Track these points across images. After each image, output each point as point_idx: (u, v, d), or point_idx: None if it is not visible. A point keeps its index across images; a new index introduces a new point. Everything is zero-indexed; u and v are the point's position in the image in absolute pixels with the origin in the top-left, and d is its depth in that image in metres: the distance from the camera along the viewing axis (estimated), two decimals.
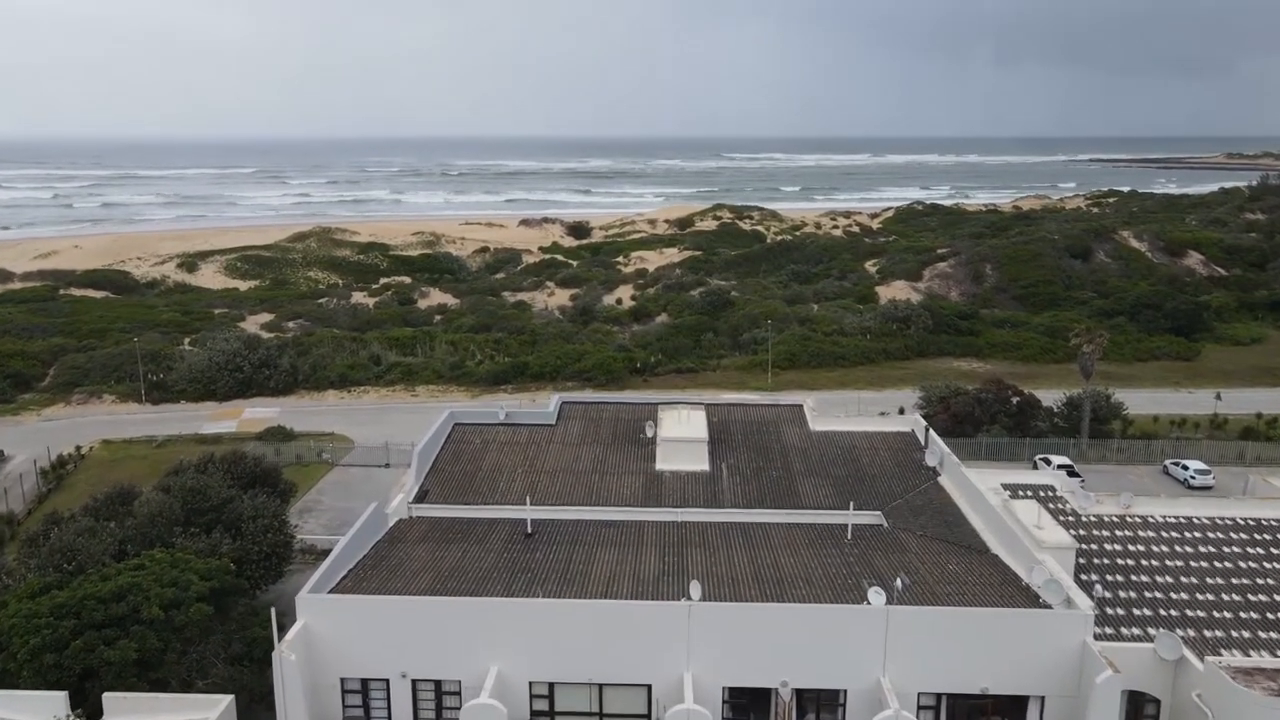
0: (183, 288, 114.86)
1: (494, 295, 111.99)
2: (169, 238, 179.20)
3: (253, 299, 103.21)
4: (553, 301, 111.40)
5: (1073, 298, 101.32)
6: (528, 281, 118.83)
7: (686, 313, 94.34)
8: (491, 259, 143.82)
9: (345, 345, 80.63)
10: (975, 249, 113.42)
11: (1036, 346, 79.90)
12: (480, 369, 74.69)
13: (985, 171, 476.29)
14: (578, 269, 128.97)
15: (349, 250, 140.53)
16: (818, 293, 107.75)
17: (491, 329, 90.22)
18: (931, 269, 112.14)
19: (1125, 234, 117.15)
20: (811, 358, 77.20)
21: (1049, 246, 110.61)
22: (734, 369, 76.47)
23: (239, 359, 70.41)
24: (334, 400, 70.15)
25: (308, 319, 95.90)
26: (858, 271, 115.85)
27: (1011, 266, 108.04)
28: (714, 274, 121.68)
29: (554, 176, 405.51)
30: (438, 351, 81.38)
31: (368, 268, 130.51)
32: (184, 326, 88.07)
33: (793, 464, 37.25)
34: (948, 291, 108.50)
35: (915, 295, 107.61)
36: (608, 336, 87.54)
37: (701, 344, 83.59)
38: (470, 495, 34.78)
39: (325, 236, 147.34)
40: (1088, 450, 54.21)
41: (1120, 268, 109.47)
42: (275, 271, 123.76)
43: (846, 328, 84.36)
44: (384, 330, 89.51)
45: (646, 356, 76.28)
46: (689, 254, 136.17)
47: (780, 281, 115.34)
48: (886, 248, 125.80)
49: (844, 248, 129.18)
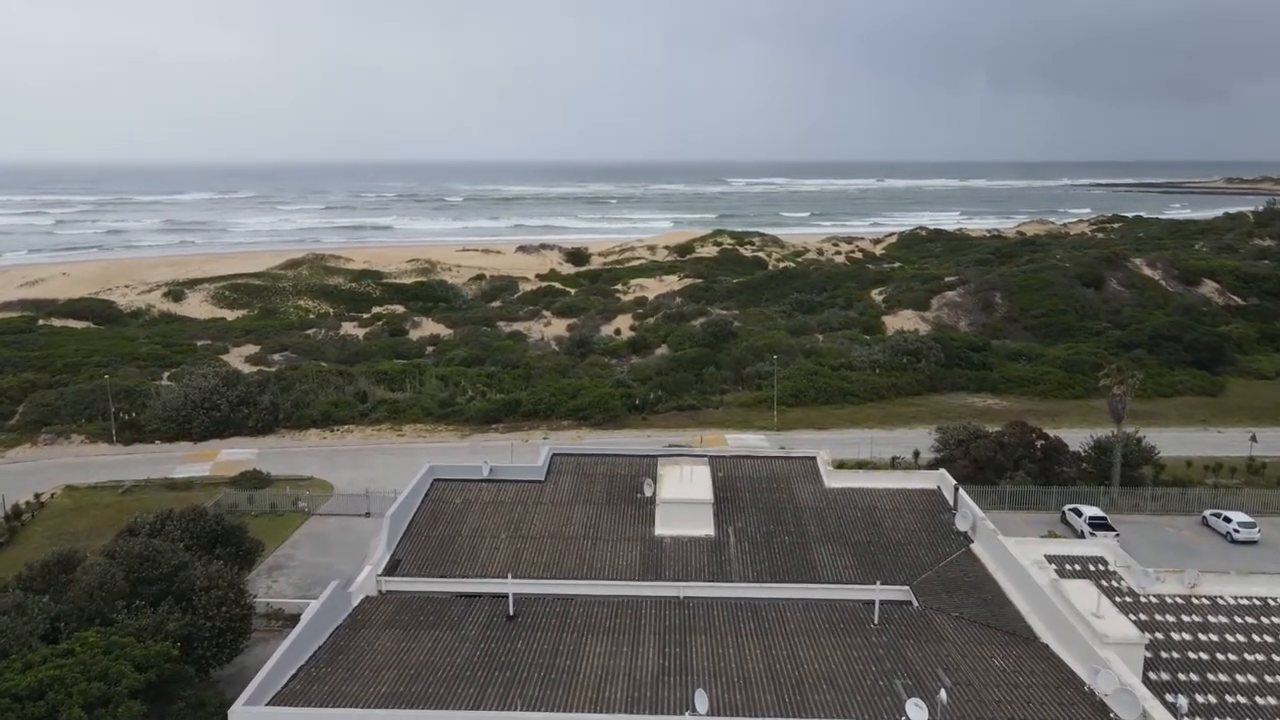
0: (168, 317, 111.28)
1: (488, 325, 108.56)
2: (161, 264, 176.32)
3: (239, 330, 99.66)
4: (549, 331, 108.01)
5: (1086, 328, 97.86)
6: (524, 310, 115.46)
7: (687, 344, 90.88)
8: (487, 287, 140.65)
9: (331, 380, 76.99)
10: (984, 277, 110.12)
11: (1054, 381, 76.21)
12: (471, 406, 71.06)
13: (985, 196, 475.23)
14: (575, 297, 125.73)
15: (342, 278, 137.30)
16: (822, 323, 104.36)
17: (484, 362, 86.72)
18: (939, 298, 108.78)
19: (1138, 262, 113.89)
20: (819, 394, 73.59)
21: (1060, 275, 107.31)
22: (737, 406, 72.85)
23: (216, 396, 66.74)
24: (316, 440, 66.44)
25: (294, 351, 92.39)
26: (863, 300, 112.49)
27: (1022, 295, 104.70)
28: (715, 302, 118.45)
29: (553, 201, 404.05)
30: (428, 386, 77.80)
31: (360, 296, 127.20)
32: (164, 360, 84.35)
33: (807, 527, 33.54)
34: (956, 321, 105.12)
35: (923, 325, 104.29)
36: (605, 370, 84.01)
37: (703, 378, 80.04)
38: (448, 566, 31.08)
39: (318, 264, 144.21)
40: (1119, 499, 50.48)
41: (1134, 296, 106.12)
42: (264, 300, 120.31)
43: (854, 361, 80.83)
44: (372, 363, 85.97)
45: (645, 393, 72.68)
46: (689, 281, 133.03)
47: (783, 310, 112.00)
48: (892, 275, 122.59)
49: (848, 275, 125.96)
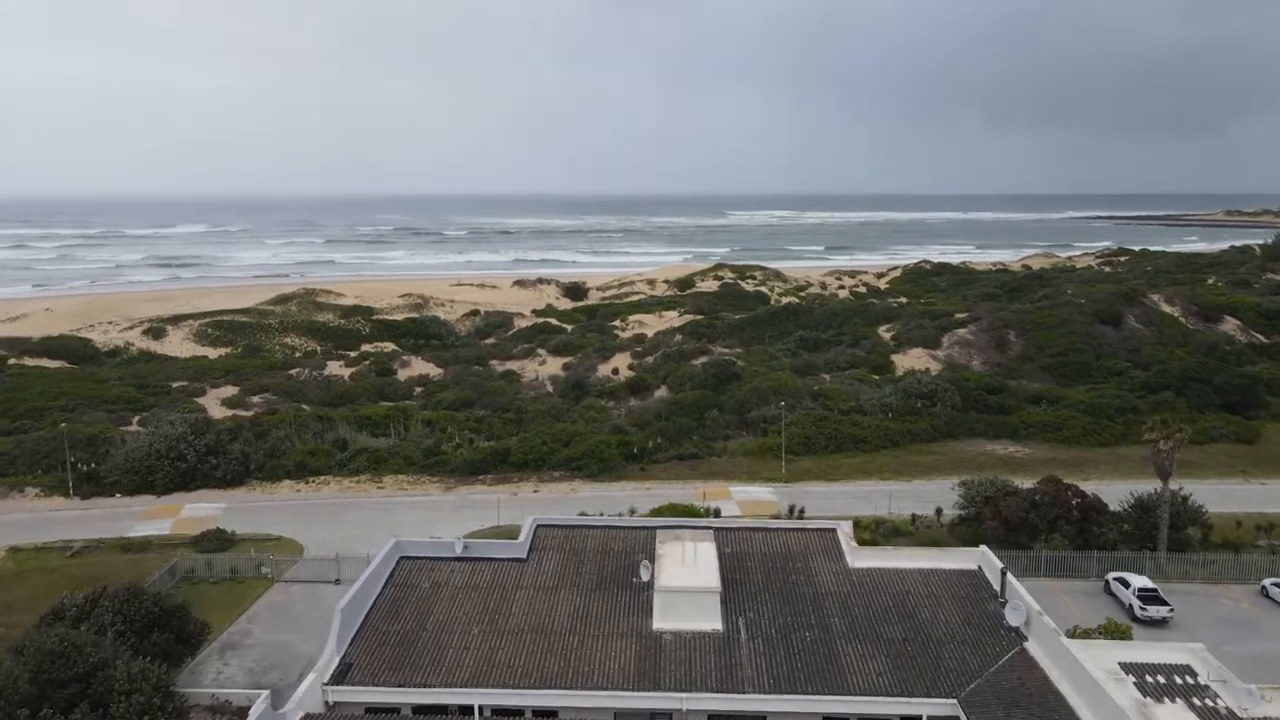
0: (146, 356, 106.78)
1: (480, 364, 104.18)
2: (148, 299, 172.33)
3: (218, 370, 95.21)
4: (544, 370, 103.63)
5: (1106, 368, 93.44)
6: (518, 348, 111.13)
7: (688, 385, 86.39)
8: (481, 323, 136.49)
9: (309, 426, 72.42)
10: (997, 314, 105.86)
11: (1078, 427, 71.52)
12: (457, 455, 66.41)
13: (986, 229, 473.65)
14: (572, 334, 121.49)
15: (331, 314, 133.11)
16: (829, 362, 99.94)
17: (474, 405, 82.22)
18: (950, 335, 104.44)
19: (1156, 298, 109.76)
20: (828, 440, 68.94)
21: (1076, 312, 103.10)
22: (742, 454, 68.19)
23: (183, 446, 62.10)
24: (288, 493, 61.70)
25: (275, 393, 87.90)
26: (871, 338, 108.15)
27: (1037, 333, 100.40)
28: (716, 340, 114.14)
29: (551, 235, 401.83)
30: (412, 432, 73.24)
31: (349, 333, 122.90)
32: (135, 404, 79.77)
33: (831, 620, 28.90)
34: (969, 360, 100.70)
35: (934, 364, 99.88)
36: (601, 414, 79.43)
37: (705, 422, 75.47)
38: (408, 671, 26.42)
39: (307, 299, 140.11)
40: (1166, 565, 45.67)
41: (1154, 334, 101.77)
42: (249, 338, 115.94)
43: (865, 405, 76.27)
44: (355, 406, 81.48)
45: (644, 440, 68.06)
46: (690, 317, 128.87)
47: (788, 349, 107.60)
48: (901, 312, 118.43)
49: (855, 311, 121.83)
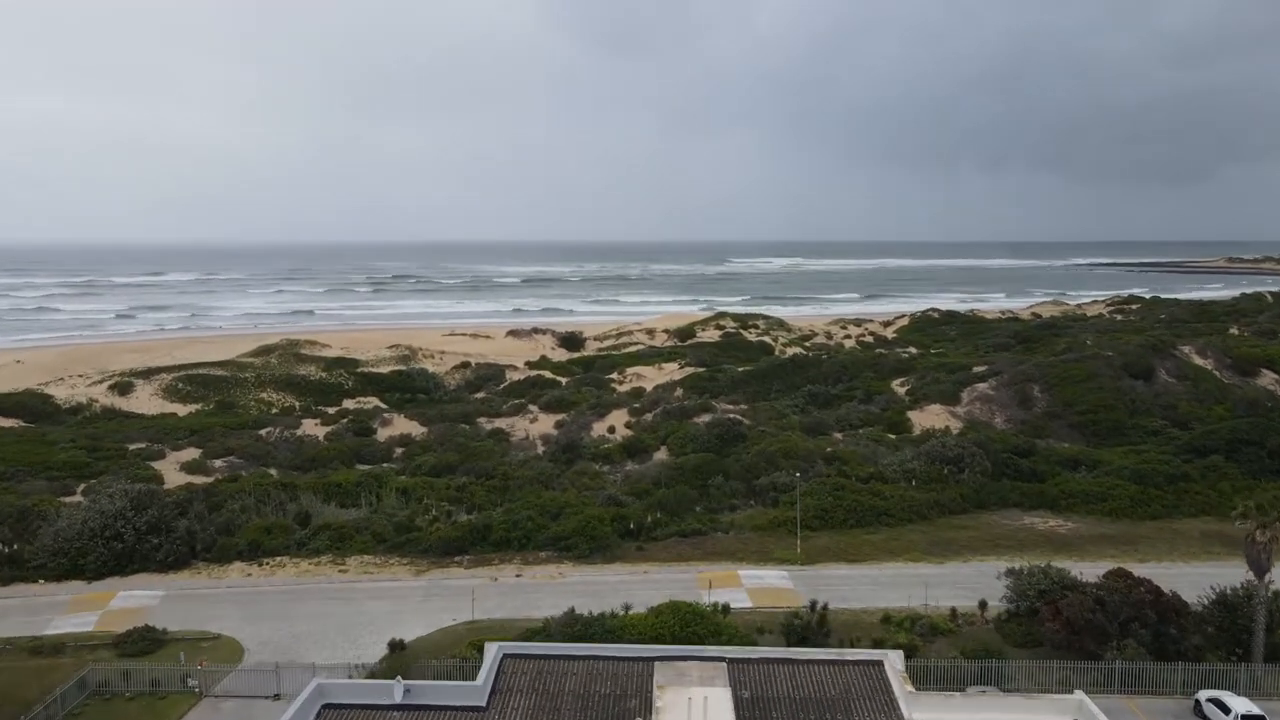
0: (109, 413, 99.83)
1: (467, 422, 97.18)
2: (127, 350, 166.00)
3: (182, 429, 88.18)
4: (535, 429, 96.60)
5: (1140, 426, 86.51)
6: (508, 405, 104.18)
7: (690, 447, 79.38)
8: (472, 375, 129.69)
9: (271, 496, 65.28)
10: (1019, 368, 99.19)
11: (1125, 498, 64.30)
12: (433, 531, 59.20)
13: (989, 277, 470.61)
14: (566, 389, 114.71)
15: (314, 366, 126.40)
16: (841, 419, 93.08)
17: (456, 470, 75.14)
18: (970, 390, 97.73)
19: (1186, 349, 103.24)
20: (847, 513, 61.76)
21: (1104, 365, 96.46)
22: (751, 529, 60.98)
23: (120, 523, 54.96)
24: (238, 578, 54.37)
25: (241, 456, 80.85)
26: (885, 393, 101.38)
27: (1064, 388, 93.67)
28: (719, 395, 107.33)
29: (549, 283, 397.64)
30: (385, 502, 66.14)
31: (330, 388, 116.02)
32: (82, 470, 72.54)
33: None
34: (991, 417, 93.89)
35: (954, 422, 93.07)
36: (595, 481, 72.33)
37: (709, 491, 68.42)
38: None
39: (290, 351, 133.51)
40: (1263, 678, 38.39)
41: (1188, 389, 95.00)
42: (222, 393, 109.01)
43: (885, 470, 69.22)
44: (326, 472, 74.42)
45: (641, 515, 60.90)
46: (690, 370, 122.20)
47: (796, 405, 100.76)
48: (914, 364, 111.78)
49: (865, 364, 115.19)
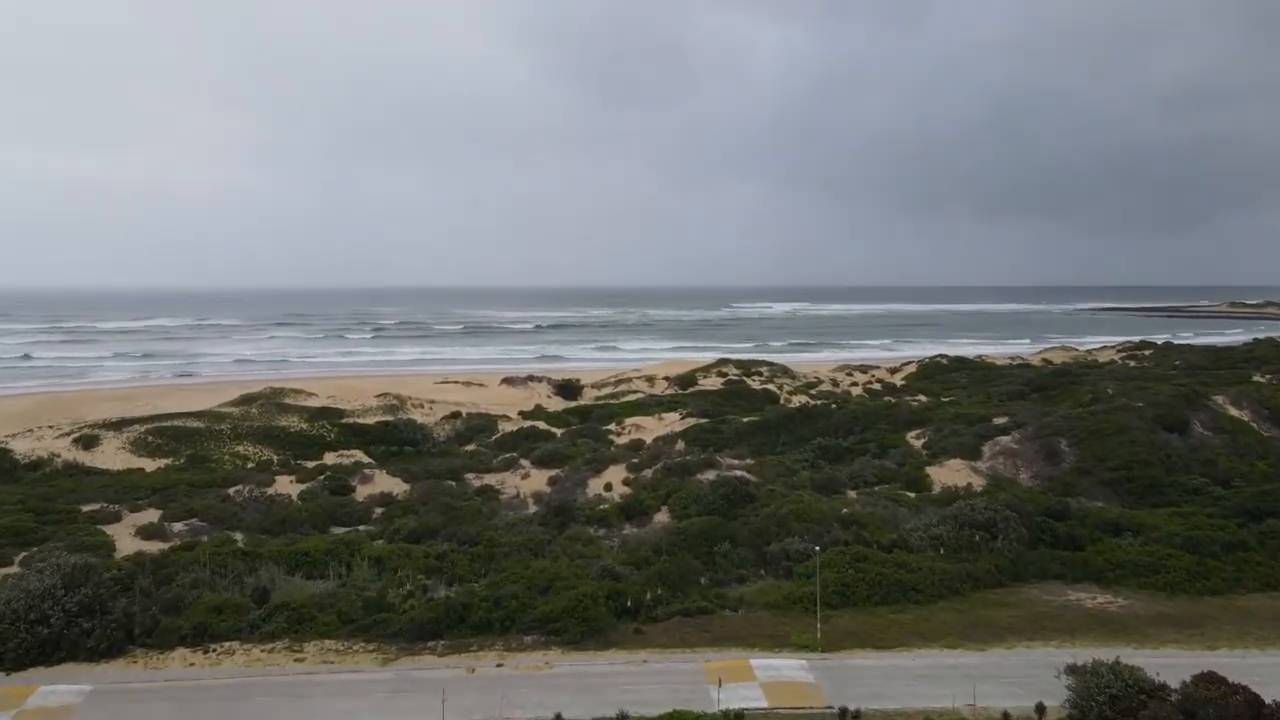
0: (71, 469, 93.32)
1: (455, 478, 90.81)
2: (108, 398, 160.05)
3: (144, 488, 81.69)
4: (527, 486, 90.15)
5: (1179, 484, 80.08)
6: (498, 460, 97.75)
7: (693, 508, 72.89)
8: (462, 426, 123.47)
9: (229, 566, 58.62)
10: (1044, 420, 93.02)
11: (1180, 569, 57.60)
12: (406, 610, 52.53)
13: (991, 322, 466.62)
14: (561, 441, 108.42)
15: (296, 417, 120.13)
16: (855, 476, 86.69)
17: (438, 534, 68.53)
18: (992, 444, 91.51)
19: (1220, 399, 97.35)
20: (871, 589, 55.11)
21: (1136, 417, 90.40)
22: (763, 606, 54.28)
23: (48, 604, 48.35)
24: (179, 668, 47.53)
25: (204, 518, 74.27)
26: (901, 447, 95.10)
27: (1094, 442, 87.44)
28: (723, 447, 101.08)
29: (547, 330, 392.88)
30: (356, 573, 59.44)
31: (311, 440, 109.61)
32: (25, 536, 65.73)
33: None
34: (1015, 473, 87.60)
35: (976, 478, 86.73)
36: (589, 548, 65.74)
37: (715, 559, 61.83)
38: None
39: (271, 401, 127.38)
40: None
41: (1226, 443, 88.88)
42: (195, 446, 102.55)
43: (910, 537, 62.71)
44: (295, 537, 67.88)
45: (640, 590, 54.30)
46: (692, 421, 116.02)
47: (806, 459, 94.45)
48: (930, 415, 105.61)
49: (877, 414, 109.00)
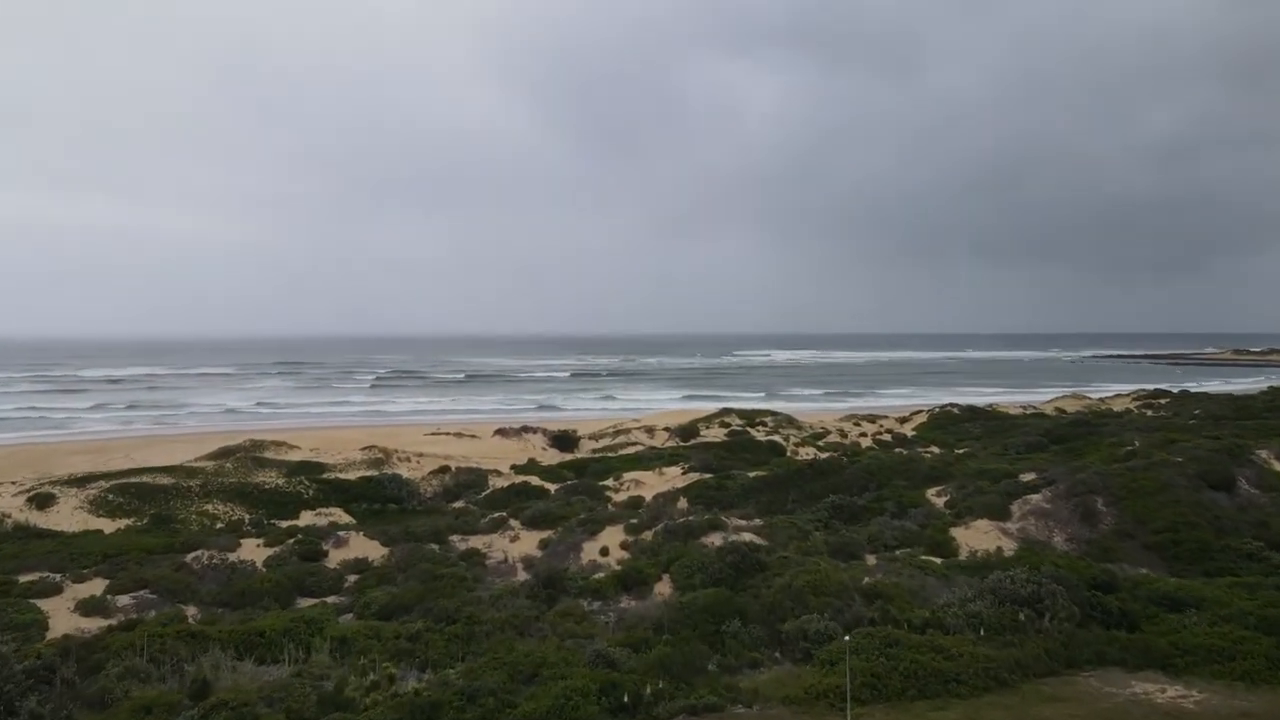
0: (22, 531, 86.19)
1: (438, 541, 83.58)
2: (82, 450, 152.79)
3: (95, 554, 74.53)
4: (516, 549, 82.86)
5: (1232, 549, 72.66)
6: (486, 520, 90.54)
7: (698, 578, 65.37)
8: (451, 482, 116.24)
9: (168, 650, 51.33)
10: (1077, 476, 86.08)
11: (1259, 655, 49.92)
12: (367, 708, 45.13)
13: (996, 369, 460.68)
14: (554, 498, 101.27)
15: (274, 472, 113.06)
16: (874, 539, 79.32)
17: (413, 609, 61.23)
18: (1022, 503, 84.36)
19: (1264, 454, 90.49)
20: (906, 680, 47.54)
21: (1177, 474, 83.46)
22: (781, 702, 46.67)
23: None
24: None
25: (156, 589, 66.87)
26: (922, 505, 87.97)
27: (1133, 502, 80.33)
28: (729, 506, 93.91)
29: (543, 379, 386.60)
30: (315, 658, 52.12)
31: (287, 498, 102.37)
32: None
33: None
34: (1048, 535, 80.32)
35: (1006, 541, 79.44)
36: (581, 625, 58.31)
37: (724, 639, 54.35)
38: None
39: (248, 455, 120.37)
40: None
41: (1275, 502, 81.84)
42: (160, 505, 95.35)
43: (944, 615, 55.32)
44: (252, 613, 60.54)
45: (639, 682, 46.91)
46: (695, 476, 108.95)
47: (819, 519, 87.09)
48: (950, 470, 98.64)
49: (892, 469, 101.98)
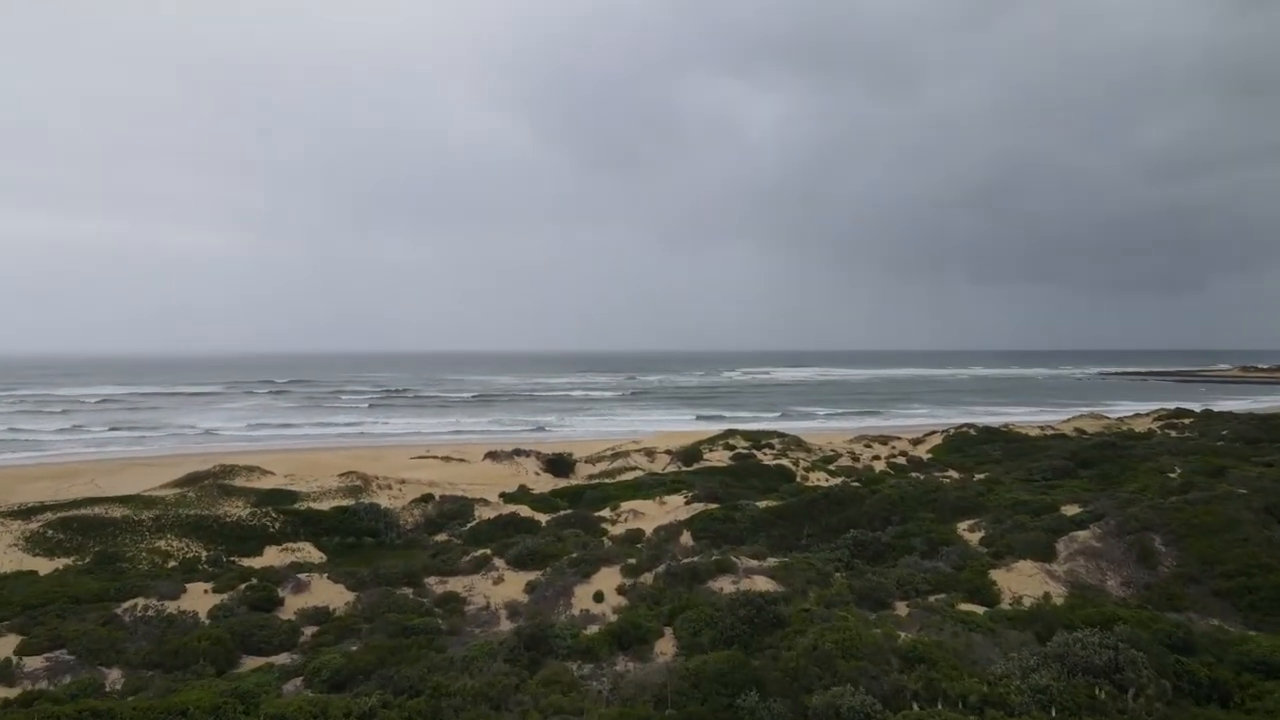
0: None
1: (412, 584, 74.26)
2: (46, 475, 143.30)
3: (16, 604, 65.08)
4: (500, 593, 73.43)
5: None
6: (467, 559, 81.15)
7: (706, 634, 55.92)
8: (434, 512, 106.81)
9: None
10: (1129, 510, 76.77)
11: None
12: None
13: (1003, 388, 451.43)
14: (546, 531, 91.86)
15: (242, 501, 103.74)
16: (904, 583, 69.72)
17: (372, 675, 51.86)
18: (1068, 541, 75.00)
19: None
20: None
21: (1242, 507, 74.25)
22: None
23: None
24: None
25: (74, 649, 57.38)
26: (954, 543, 78.60)
27: (1196, 541, 71.06)
28: (738, 540, 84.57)
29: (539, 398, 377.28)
30: None
31: (250, 532, 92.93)
32: None
33: None
34: (1101, 579, 70.95)
35: (1054, 585, 70.06)
36: (569, 695, 48.76)
37: (739, 715, 45.12)
38: None
39: (216, 482, 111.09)
40: None
41: None
42: (107, 541, 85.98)
43: (1007, 692, 45.92)
44: (181, 678, 51.06)
45: None
46: (700, 508, 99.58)
47: (839, 558, 77.66)
48: (982, 501, 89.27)
49: (917, 499, 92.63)
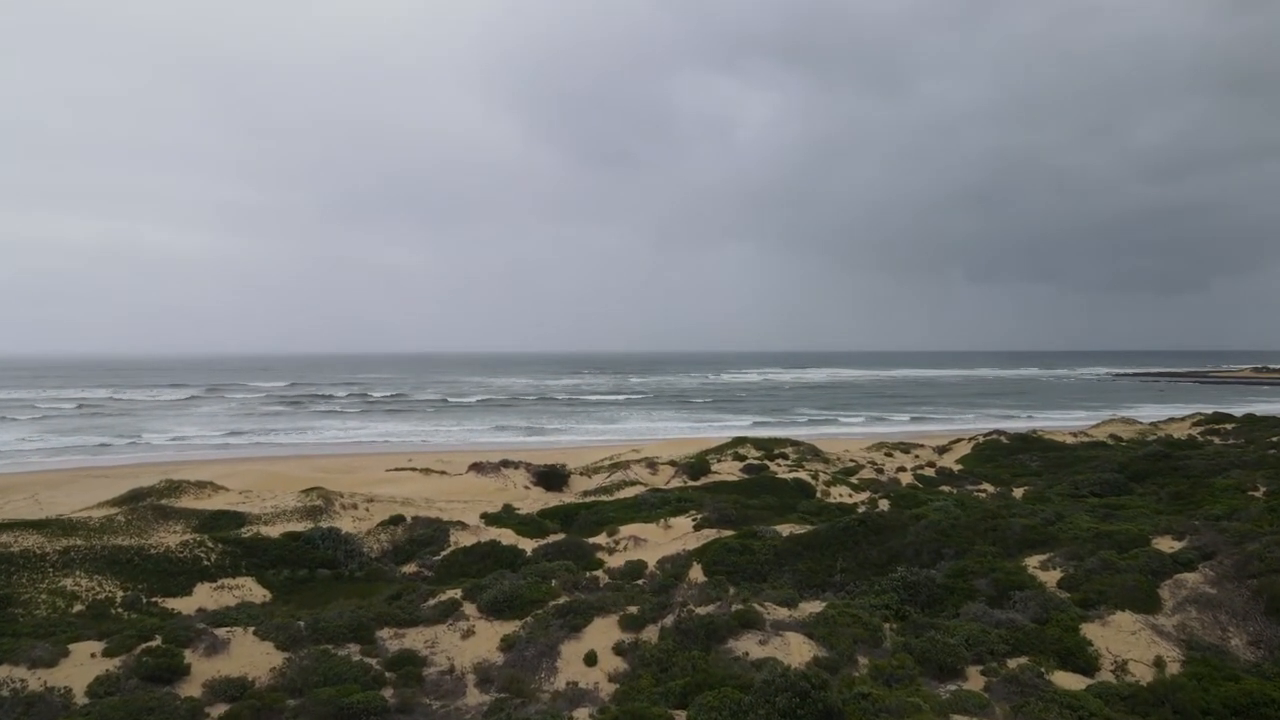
0: None
1: (361, 639, 59.63)
2: None
3: None
4: (469, 651, 58.61)
5: None
6: (432, 604, 66.60)
7: None
8: (403, 538, 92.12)
9: None
10: (1248, 548, 62.31)
11: None
12: None
13: (1009, 388, 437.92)
14: (529, 565, 77.31)
15: (178, 526, 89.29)
16: (974, 642, 55.40)
17: None
18: (1174, 586, 60.56)
19: None
20: None
21: None
22: None
23: None
24: None
25: None
26: (1026, 586, 64.04)
27: None
28: (759, 577, 70.10)
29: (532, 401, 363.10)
30: None
31: (180, 566, 78.44)
32: None
33: None
34: (1222, 637, 56.40)
35: (1164, 646, 55.49)
36: None
37: None
38: None
39: (153, 503, 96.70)
40: None
41: None
42: (1, 581, 71.86)
43: None
44: None
45: None
46: (711, 535, 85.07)
47: (887, 606, 63.14)
48: (1054, 533, 74.74)
49: (973, 530, 77.91)
